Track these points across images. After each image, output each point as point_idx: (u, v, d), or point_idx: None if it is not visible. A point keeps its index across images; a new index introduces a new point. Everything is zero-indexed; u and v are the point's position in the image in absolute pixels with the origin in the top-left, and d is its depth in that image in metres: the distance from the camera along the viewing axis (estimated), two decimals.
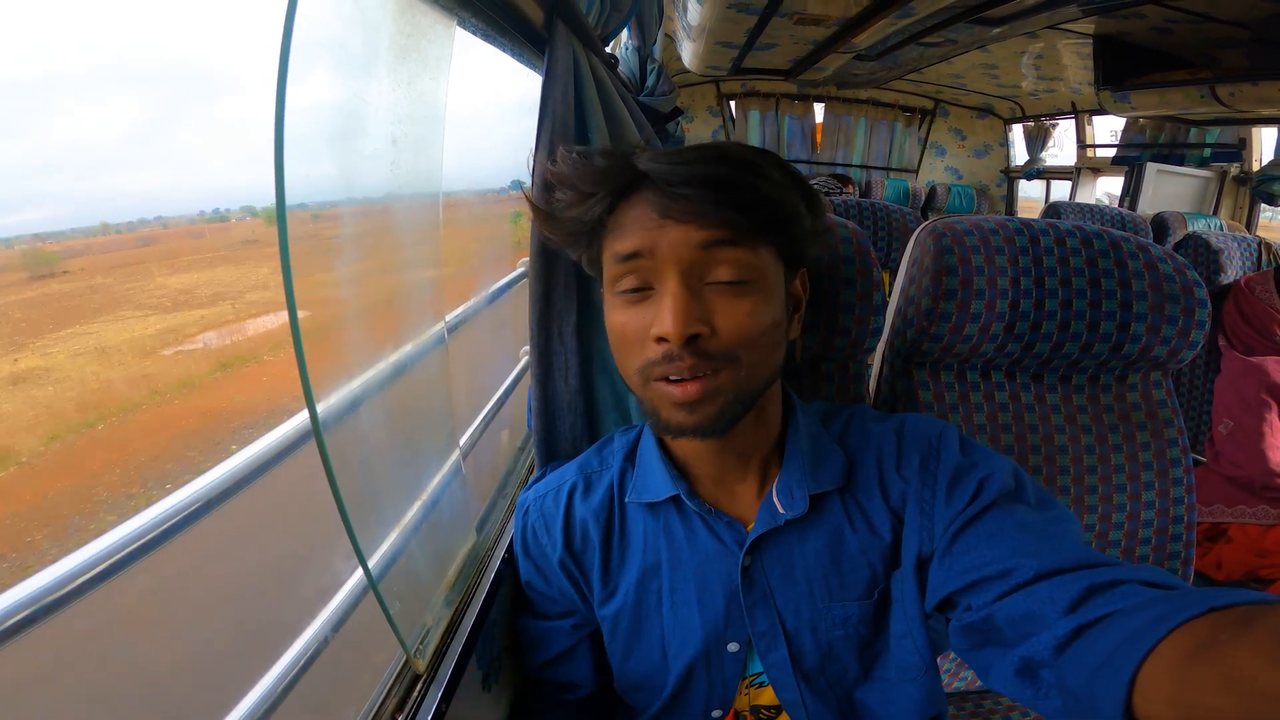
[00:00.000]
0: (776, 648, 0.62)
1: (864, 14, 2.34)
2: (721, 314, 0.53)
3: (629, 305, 0.55)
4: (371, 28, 0.54)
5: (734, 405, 0.54)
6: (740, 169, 0.53)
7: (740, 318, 0.53)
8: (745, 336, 0.53)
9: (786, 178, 0.56)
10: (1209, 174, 3.30)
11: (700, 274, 0.53)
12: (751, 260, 0.53)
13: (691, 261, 0.52)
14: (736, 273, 0.53)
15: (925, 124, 5.00)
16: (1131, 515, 0.89)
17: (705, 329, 0.52)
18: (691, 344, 0.51)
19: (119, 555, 0.39)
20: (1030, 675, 0.45)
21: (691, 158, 0.53)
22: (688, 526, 0.63)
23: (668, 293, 0.52)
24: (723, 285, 0.53)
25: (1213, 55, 2.33)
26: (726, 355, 0.53)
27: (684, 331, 0.51)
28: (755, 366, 0.54)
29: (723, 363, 0.53)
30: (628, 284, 0.55)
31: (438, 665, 0.62)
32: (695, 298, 0.52)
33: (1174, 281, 0.84)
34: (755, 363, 0.54)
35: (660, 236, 0.52)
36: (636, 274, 0.54)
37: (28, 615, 0.34)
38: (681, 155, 0.53)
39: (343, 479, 0.48)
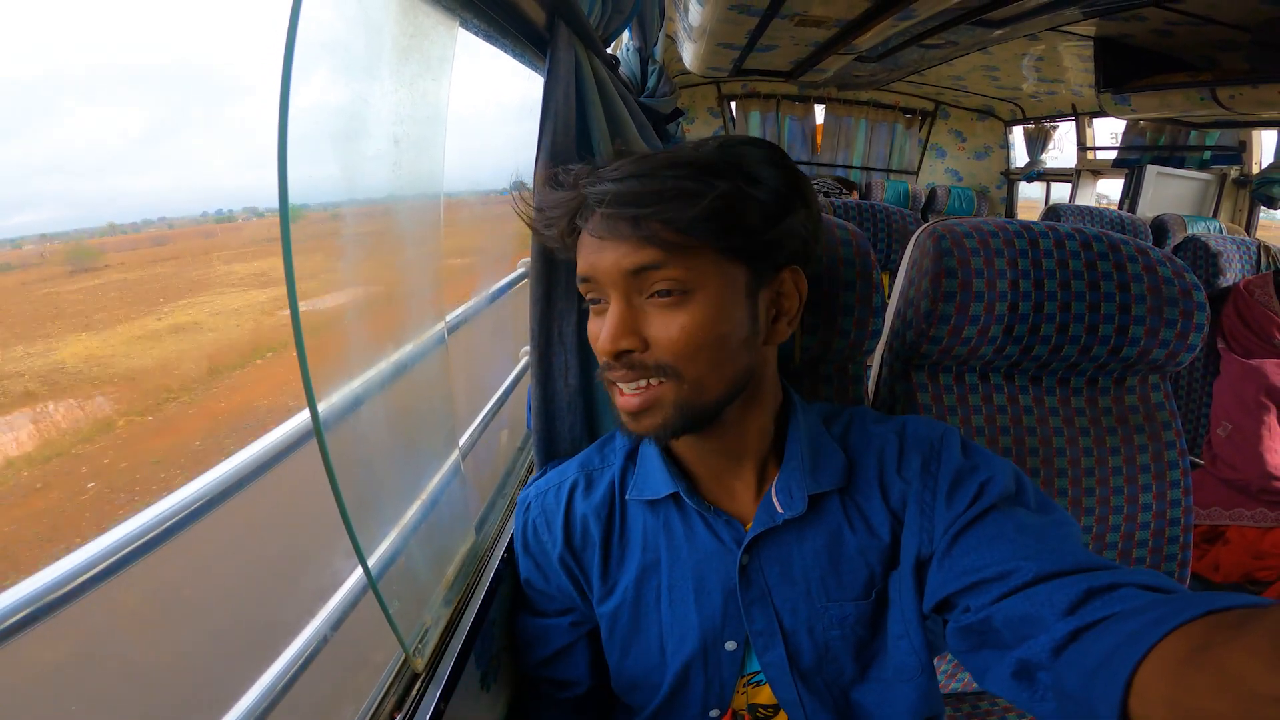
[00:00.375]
0: (774, 646, 0.62)
1: (865, 16, 2.34)
2: (655, 327, 0.55)
3: (594, 316, 0.59)
4: (374, 29, 0.54)
5: (678, 417, 0.56)
6: (678, 176, 0.52)
7: (673, 331, 0.54)
8: (679, 350, 0.54)
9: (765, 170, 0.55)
10: (1209, 176, 3.31)
11: (639, 288, 0.55)
12: (684, 274, 0.54)
13: (625, 282, 0.55)
14: (669, 286, 0.54)
15: (925, 126, 5.00)
16: (1129, 517, 0.89)
17: (636, 343, 0.55)
18: (623, 358, 0.55)
19: (120, 554, 0.39)
20: (1027, 678, 0.45)
21: (632, 169, 0.54)
22: (687, 524, 0.63)
23: (608, 309, 0.56)
24: (657, 299, 0.55)
25: (1213, 58, 2.33)
26: (661, 368, 0.55)
27: (611, 349, 0.54)
28: (700, 380, 0.55)
29: (660, 374, 0.55)
30: (589, 298, 0.59)
31: (436, 664, 0.62)
32: (634, 312, 0.55)
33: (1173, 284, 0.84)
34: (699, 376, 0.55)
35: (599, 260, 0.56)
36: (592, 290, 0.58)
37: (28, 614, 0.34)
38: (625, 167, 0.55)
39: (343, 478, 0.48)
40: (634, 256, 0.53)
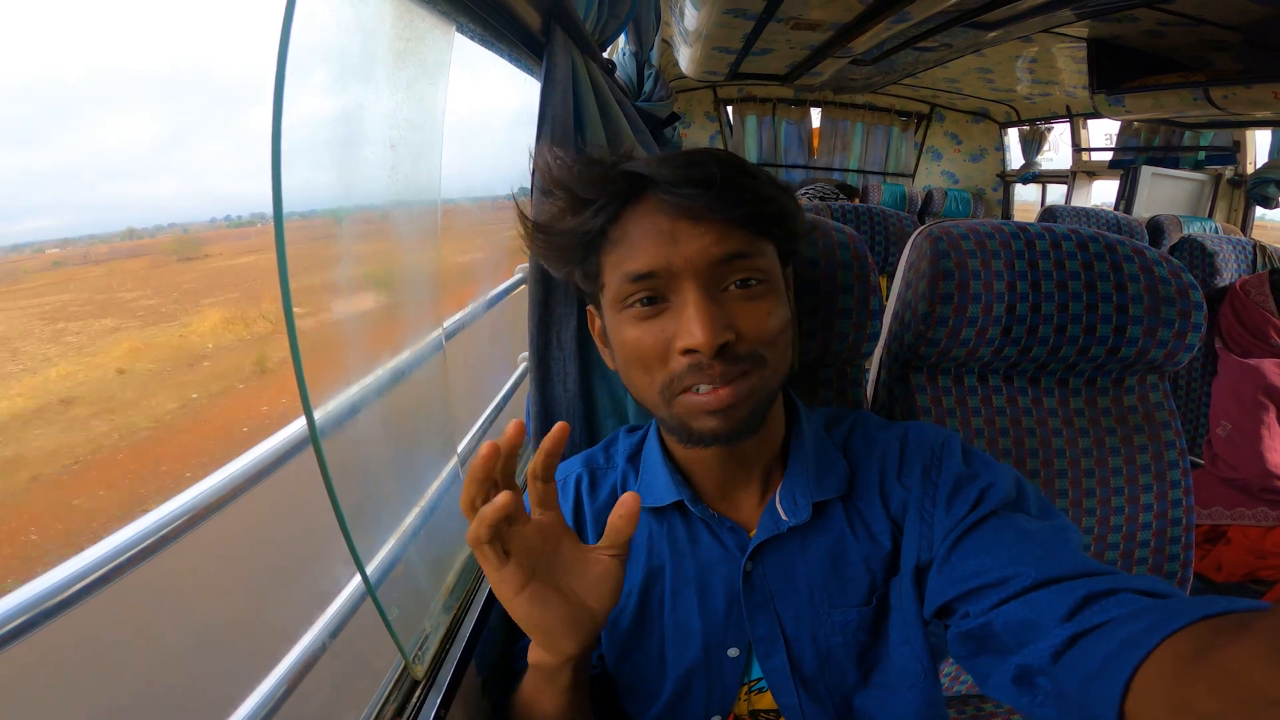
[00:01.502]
0: (776, 652, 0.62)
1: (860, 19, 2.35)
2: (744, 319, 0.53)
3: (643, 320, 0.54)
4: (369, 33, 0.54)
5: (760, 407, 0.55)
6: (733, 170, 0.53)
7: (762, 319, 0.53)
8: (768, 337, 0.53)
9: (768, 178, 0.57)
10: (1204, 177, 3.32)
11: (718, 281, 0.53)
12: (763, 263, 0.54)
13: (710, 272, 0.52)
14: (752, 275, 0.53)
15: (921, 128, 5.02)
16: (1130, 518, 0.89)
17: (732, 335, 0.52)
18: (724, 352, 0.51)
19: (116, 561, 0.38)
20: (1027, 683, 0.45)
21: (687, 161, 0.52)
22: (690, 531, 0.63)
23: (689, 303, 0.51)
24: (739, 290, 0.53)
25: (1206, 58, 2.35)
26: (753, 357, 0.53)
27: (715, 341, 0.50)
28: (777, 365, 0.55)
29: (750, 365, 0.53)
30: (641, 298, 0.53)
31: (436, 671, 0.62)
32: (717, 305, 0.52)
33: (1169, 284, 0.84)
34: (777, 361, 0.55)
35: (675, 250, 0.51)
36: (652, 288, 0.53)
37: (26, 620, 0.34)
38: (676, 160, 0.53)
39: (340, 485, 0.48)
40: (725, 244, 0.51)
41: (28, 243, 15.76)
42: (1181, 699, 0.32)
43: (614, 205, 0.53)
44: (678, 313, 0.52)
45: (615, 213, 0.54)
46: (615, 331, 0.56)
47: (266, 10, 0.40)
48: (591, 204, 0.54)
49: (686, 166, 0.51)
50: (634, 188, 0.53)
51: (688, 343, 0.50)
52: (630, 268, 0.53)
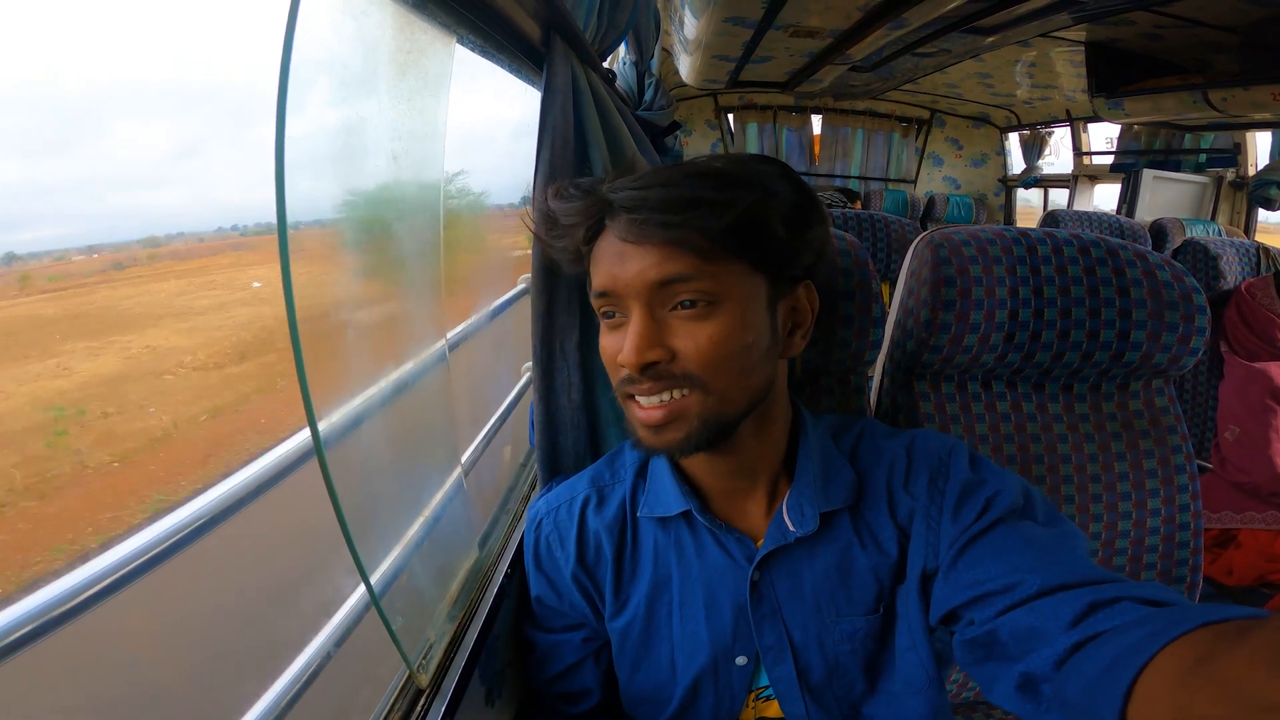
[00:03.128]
0: (783, 661, 0.62)
1: (858, 26, 2.36)
2: (682, 338, 0.54)
3: (609, 331, 0.58)
4: (371, 45, 0.55)
5: (701, 430, 0.55)
6: (707, 185, 0.52)
7: (700, 342, 0.53)
8: (706, 361, 0.53)
9: (779, 184, 0.56)
10: (1205, 179, 3.31)
11: (663, 300, 0.54)
12: (712, 285, 0.53)
13: (650, 293, 0.53)
14: (696, 298, 0.53)
15: (922, 134, 5.03)
16: (1138, 524, 0.89)
17: (663, 354, 0.53)
18: (649, 370, 0.53)
19: (122, 571, 0.39)
20: (1032, 691, 0.45)
21: (657, 179, 0.53)
22: (698, 541, 0.63)
23: (630, 321, 0.54)
24: (683, 310, 0.54)
25: (1204, 60, 2.35)
26: (688, 377, 0.54)
27: (638, 361, 0.53)
28: (725, 391, 0.55)
29: (687, 384, 0.54)
30: (605, 312, 0.57)
31: (441, 680, 0.62)
32: (657, 324, 0.54)
33: (1173, 288, 0.84)
34: (724, 387, 0.54)
35: (621, 272, 0.54)
36: (609, 304, 0.56)
37: (33, 629, 0.34)
38: (650, 177, 0.54)
39: (344, 496, 0.48)
40: (663, 267, 0.52)
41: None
42: (1183, 705, 0.32)
43: (586, 228, 0.57)
44: (627, 328, 0.55)
45: (590, 233, 0.57)
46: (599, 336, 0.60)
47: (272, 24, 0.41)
48: (569, 228, 0.58)
49: (640, 188, 0.53)
50: (603, 210, 0.56)
51: (621, 358, 0.54)
52: (593, 283, 0.57)
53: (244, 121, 14.36)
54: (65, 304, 11.05)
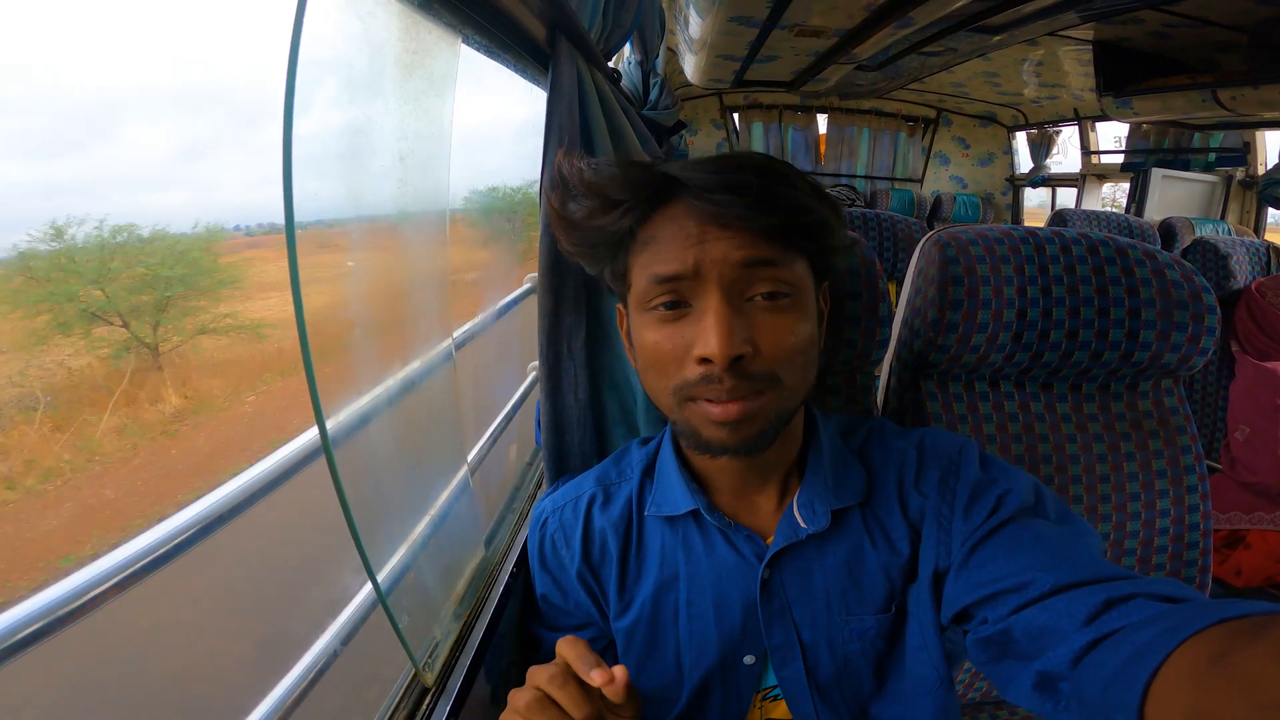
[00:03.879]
0: (792, 660, 0.61)
1: (864, 24, 2.36)
2: (764, 332, 0.51)
3: (664, 323, 0.53)
4: (376, 46, 0.55)
5: (773, 425, 0.54)
6: (772, 178, 0.52)
7: (783, 336, 0.52)
8: (787, 356, 0.52)
9: (810, 188, 0.56)
10: (1214, 179, 3.29)
11: (743, 288, 0.52)
12: (791, 275, 0.52)
13: (735, 279, 0.51)
14: (778, 288, 0.52)
15: (928, 133, 5.01)
16: (1147, 524, 0.88)
17: (749, 349, 0.50)
18: (734, 366, 0.50)
19: (130, 569, 0.39)
20: (1049, 689, 0.44)
21: (723, 166, 0.52)
22: (706, 540, 0.63)
23: (710, 310, 0.50)
24: (764, 301, 0.52)
25: (1213, 59, 2.33)
26: (767, 376, 0.52)
27: (730, 353, 0.49)
28: (794, 386, 0.54)
29: (764, 384, 0.52)
30: (663, 301, 0.53)
31: (446, 678, 0.62)
32: (738, 316, 0.51)
33: (1182, 288, 0.83)
34: (794, 383, 0.54)
35: (701, 254, 0.51)
36: (676, 291, 0.52)
37: (41, 627, 0.34)
38: (712, 164, 0.52)
39: (351, 494, 0.48)
40: (752, 249, 0.50)
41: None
42: (1201, 703, 0.32)
43: (644, 206, 0.53)
44: (698, 318, 0.51)
45: (645, 214, 0.54)
46: (638, 332, 0.56)
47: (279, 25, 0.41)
48: (621, 204, 0.53)
49: (720, 172, 0.51)
50: (665, 190, 0.53)
51: (702, 351, 0.50)
52: (656, 269, 0.52)
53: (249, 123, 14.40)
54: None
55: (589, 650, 0.46)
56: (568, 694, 0.44)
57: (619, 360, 0.82)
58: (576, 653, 0.46)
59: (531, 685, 0.46)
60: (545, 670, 0.45)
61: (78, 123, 13.68)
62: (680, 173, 0.52)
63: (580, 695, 0.45)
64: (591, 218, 0.55)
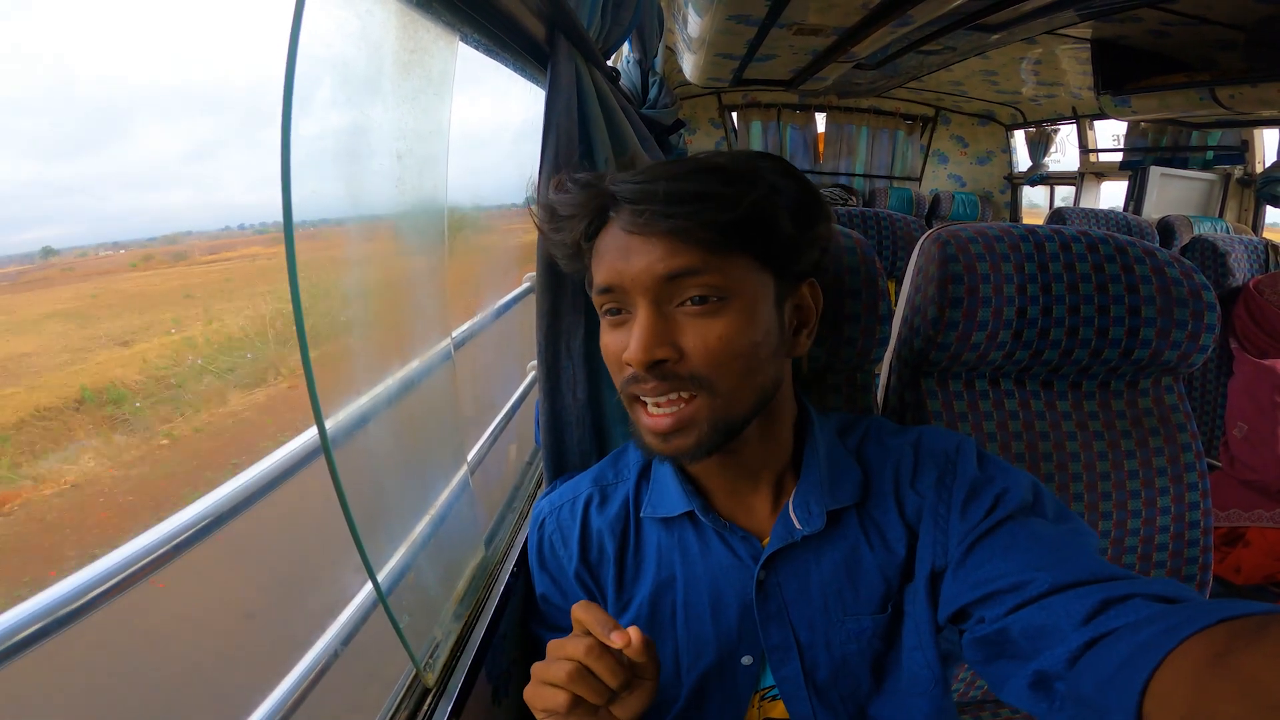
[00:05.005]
0: (789, 661, 0.61)
1: (862, 23, 2.35)
2: (690, 336, 0.52)
3: (612, 328, 0.57)
4: (374, 45, 0.55)
5: (711, 435, 0.54)
6: (711, 179, 0.52)
7: (710, 340, 0.52)
8: (714, 359, 0.52)
9: (782, 180, 0.55)
10: (1213, 177, 3.30)
11: (670, 296, 0.53)
12: (721, 280, 0.52)
13: (658, 288, 0.52)
14: (706, 293, 0.52)
15: (927, 132, 5.01)
16: (1147, 521, 0.88)
17: (672, 354, 0.52)
18: (656, 368, 0.52)
19: (130, 569, 0.39)
20: (1045, 688, 0.44)
21: (662, 173, 0.53)
22: (702, 541, 0.63)
23: (636, 319, 0.53)
24: (692, 306, 0.53)
25: (1211, 58, 2.33)
26: (696, 379, 0.53)
27: (645, 359, 0.51)
28: (733, 392, 0.54)
29: (694, 387, 0.53)
30: (607, 309, 0.56)
31: (448, 679, 0.62)
32: (664, 321, 0.53)
33: (1182, 285, 0.83)
34: (732, 388, 0.54)
35: (626, 267, 0.53)
36: (613, 300, 0.55)
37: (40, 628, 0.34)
38: (654, 170, 0.54)
39: (351, 494, 0.48)
40: (671, 260, 0.51)
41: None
42: (1200, 703, 0.31)
43: (589, 221, 0.56)
44: (631, 325, 0.54)
45: (593, 227, 0.56)
46: (600, 334, 0.59)
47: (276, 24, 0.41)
48: (570, 219, 0.56)
49: (644, 181, 0.52)
50: (605, 204, 0.55)
51: (627, 356, 0.53)
52: (595, 279, 0.56)
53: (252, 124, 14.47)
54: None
55: (605, 614, 0.47)
56: (605, 664, 0.45)
57: None
58: (594, 616, 0.47)
59: (564, 656, 0.46)
60: (578, 642, 0.46)
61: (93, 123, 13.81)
62: (618, 185, 0.54)
63: (615, 664, 0.45)
64: (554, 232, 0.58)
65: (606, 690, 0.46)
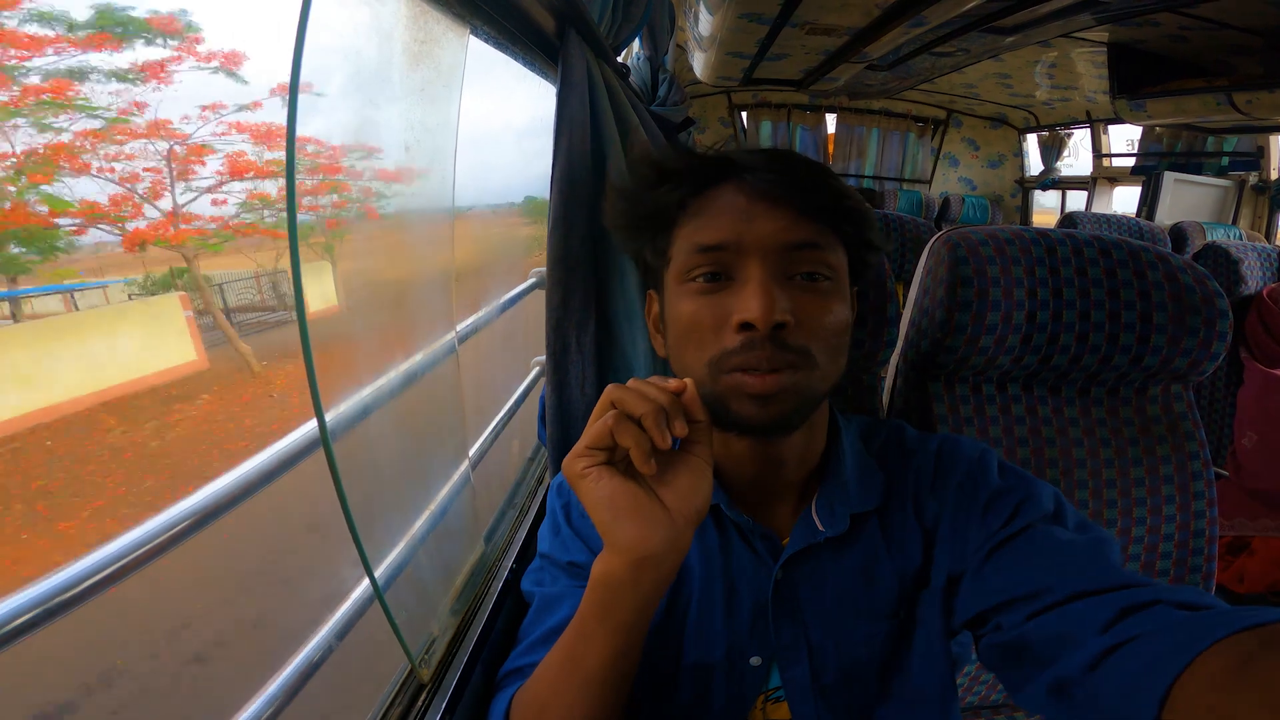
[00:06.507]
0: (798, 662, 0.61)
1: (876, 24, 2.34)
2: (803, 307, 0.52)
3: (702, 294, 0.54)
4: (385, 35, 0.55)
5: (803, 406, 0.53)
6: (815, 168, 0.54)
7: (821, 313, 0.52)
8: (824, 332, 0.52)
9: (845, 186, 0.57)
10: (1227, 183, 3.26)
11: (786, 267, 0.52)
12: (832, 259, 0.54)
13: (778, 256, 0.52)
14: (818, 269, 0.53)
15: (938, 134, 4.99)
16: (1152, 529, 0.87)
17: (790, 318, 0.51)
18: (774, 334, 0.51)
19: (124, 560, 0.39)
20: (1063, 695, 0.44)
21: (773, 153, 0.54)
22: (723, 535, 0.62)
23: (753, 279, 0.51)
24: (805, 281, 0.53)
25: (1229, 62, 2.31)
26: (803, 351, 0.52)
27: (772, 318, 0.50)
28: (827, 368, 0.54)
29: (799, 358, 0.52)
30: (704, 273, 0.54)
31: (443, 675, 0.62)
32: (780, 289, 0.52)
33: (1194, 292, 0.82)
34: (827, 364, 0.54)
35: (748, 228, 0.52)
36: (717, 262, 0.53)
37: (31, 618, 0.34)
38: (762, 152, 0.55)
39: (350, 487, 0.48)
40: (797, 230, 0.52)
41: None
42: (1223, 711, 0.31)
43: (695, 181, 0.55)
44: (739, 290, 0.52)
45: (696, 189, 0.55)
46: (673, 305, 0.56)
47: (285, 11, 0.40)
48: (675, 175, 0.55)
49: (770, 157, 0.53)
50: (718, 170, 0.55)
51: (744, 316, 0.50)
52: (700, 239, 0.54)
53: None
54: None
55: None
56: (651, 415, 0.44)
57: (625, 355, 0.81)
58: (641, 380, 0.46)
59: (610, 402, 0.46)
60: (624, 391, 0.46)
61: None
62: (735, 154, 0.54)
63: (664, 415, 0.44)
64: (645, 187, 0.57)
65: (648, 441, 0.44)
